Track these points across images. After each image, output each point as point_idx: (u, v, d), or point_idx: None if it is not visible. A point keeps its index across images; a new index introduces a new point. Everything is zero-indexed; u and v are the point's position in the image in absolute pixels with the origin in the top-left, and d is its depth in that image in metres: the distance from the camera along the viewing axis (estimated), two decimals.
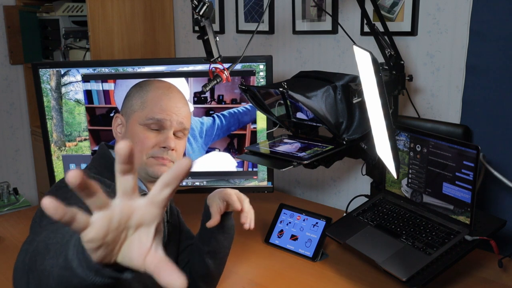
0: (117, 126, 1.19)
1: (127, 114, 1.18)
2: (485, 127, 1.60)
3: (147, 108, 1.14)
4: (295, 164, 1.29)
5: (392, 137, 1.17)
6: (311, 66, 2.11)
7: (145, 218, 0.55)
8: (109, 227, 0.53)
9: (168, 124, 1.14)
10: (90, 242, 0.54)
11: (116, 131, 1.19)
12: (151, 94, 1.16)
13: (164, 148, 1.13)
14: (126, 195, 0.54)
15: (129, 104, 1.18)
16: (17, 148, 3.28)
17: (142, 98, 1.16)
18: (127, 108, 1.18)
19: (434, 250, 1.30)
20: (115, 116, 1.20)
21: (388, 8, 1.81)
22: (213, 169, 1.84)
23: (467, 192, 1.32)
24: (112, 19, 2.53)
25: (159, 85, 1.19)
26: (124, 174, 0.53)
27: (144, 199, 0.55)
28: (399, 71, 1.53)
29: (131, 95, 1.19)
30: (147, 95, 1.16)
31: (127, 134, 1.16)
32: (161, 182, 0.54)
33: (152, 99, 1.15)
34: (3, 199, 2.04)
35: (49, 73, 1.80)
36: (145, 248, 0.55)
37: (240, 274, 1.46)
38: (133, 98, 1.18)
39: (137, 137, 1.13)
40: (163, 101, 1.15)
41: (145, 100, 1.15)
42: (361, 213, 1.56)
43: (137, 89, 1.19)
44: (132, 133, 1.15)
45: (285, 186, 2.32)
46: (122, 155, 0.51)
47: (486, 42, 1.57)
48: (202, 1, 1.33)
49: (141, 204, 0.55)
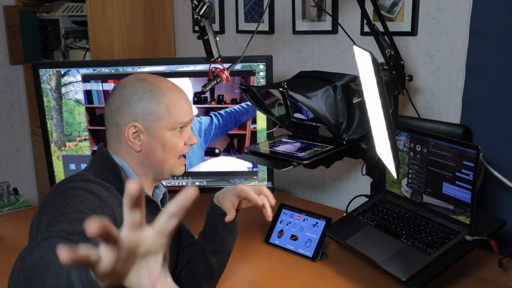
0: (132, 134, 1.14)
1: (147, 121, 1.13)
2: (485, 127, 1.60)
3: (174, 114, 1.14)
4: (295, 164, 1.29)
5: (392, 137, 1.17)
6: (311, 66, 2.11)
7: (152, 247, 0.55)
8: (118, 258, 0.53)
9: (190, 123, 1.20)
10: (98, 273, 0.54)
11: (133, 140, 1.14)
12: (170, 97, 1.14)
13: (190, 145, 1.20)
14: (134, 227, 0.54)
15: (147, 110, 1.13)
16: (17, 148, 3.28)
17: (164, 103, 1.13)
18: (145, 115, 1.13)
19: (434, 250, 1.30)
20: (129, 125, 1.13)
21: (388, 8, 1.81)
22: (213, 169, 1.84)
23: (467, 192, 1.32)
24: (112, 19, 2.53)
25: (169, 86, 1.17)
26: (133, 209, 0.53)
27: (152, 230, 0.55)
28: (399, 71, 1.53)
29: (143, 100, 1.13)
30: (167, 99, 1.14)
31: (153, 142, 1.14)
32: (168, 213, 0.54)
33: (175, 103, 1.15)
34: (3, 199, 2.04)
35: (49, 73, 1.80)
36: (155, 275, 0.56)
37: (240, 274, 1.46)
38: (151, 104, 1.13)
39: (169, 144, 1.15)
40: (183, 102, 1.17)
41: (168, 105, 1.13)
42: (361, 213, 1.56)
43: (147, 94, 1.13)
44: (162, 140, 1.14)
45: (285, 186, 2.32)
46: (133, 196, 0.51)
47: (486, 42, 1.57)
48: (202, 1, 1.33)
49: (149, 235, 0.55)
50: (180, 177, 1.84)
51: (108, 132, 1.18)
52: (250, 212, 1.87)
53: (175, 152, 1.16)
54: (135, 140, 1.14)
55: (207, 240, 1.26)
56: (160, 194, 1.25)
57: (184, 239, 1.35)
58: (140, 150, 1.15)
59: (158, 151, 1.15)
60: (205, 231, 1.27)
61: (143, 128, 1.13)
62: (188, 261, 1.33)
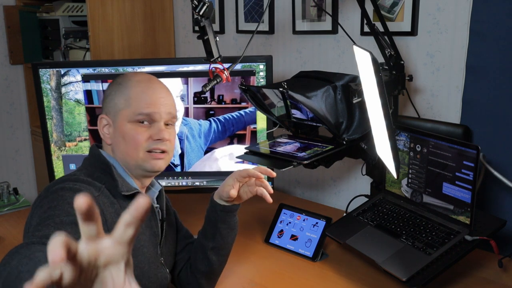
0: (103, 127, 1.17)
1: (112, 114, 1.16)
2: (485, 127, 1.60)
3: (133, 105, 1.13)
4: (295, 164, 1.29)
5: (392, 137, 1.17)
6: (311, 66, 2.11)
7: (112, 257, 0.55)
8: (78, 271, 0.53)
9: (158, 116, 1.14)
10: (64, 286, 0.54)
11: (103, 132, 1.17)
12: (134, 89, 1.14)
13: (158, 140, 1.14)
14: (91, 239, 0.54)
15: (112, 103, 1.16)
16: (17, 148, 3.28)
17: (126, 95, 1.14)
18: (110, 108, 1.16)
19: (434, 250, 1.30)
20: (100, 117, 1.18)
21: (388, 8, 1.81)
22: (213, 169, 1.84)
23: (467, 192, 1.32)
24: (112, 19, 2.53)
25: (140, 79, 1.17)
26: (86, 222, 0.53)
27: (110, 240, 0.55)
28: (399, 71, 1.53)
29: (112, 94, 1.17)
30: (130, 91, 1.14)
31: (116, 134, 1.15)
32: (123, 223, 0.54)
33: (136, 95, 1.14)
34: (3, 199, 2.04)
35: (49, 73, 1.80)
36: (120, 283, 0.56)
37: (240, 274, 1.46)
38: (115, 96, 1.16)
39: (128, 136, 1.13)
40: (147, 94, 1.14)
41: (129, 97, 1.14)
42: (361, 213, 1.56)
43: (116, 87, 1.17)
44: (122, 132, 1.14)
45: (285, 186, 2.32)
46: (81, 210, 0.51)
47: (486, 42, 1.57)
48: (202, 1, 1.33)
49: (108, 245, 0.55)
50: (180, 177, 1.85)
51: None
52: (250, 212, 1.88)
53: (135, 144, 1.12)
54: (105, 132, 1.17)
55: (207, 237, 1.26)
56: (156, 192, 1.25)
57: (183, 239, 1.35)
58: (110, 143, 1.16)
59: (120, 144, 1.14)
60: (205, 229, 1.27)
61: (110, 120, 1.16)
62: (188, 260, 1.33)
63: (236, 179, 1.19)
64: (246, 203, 1.27)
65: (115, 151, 1.16)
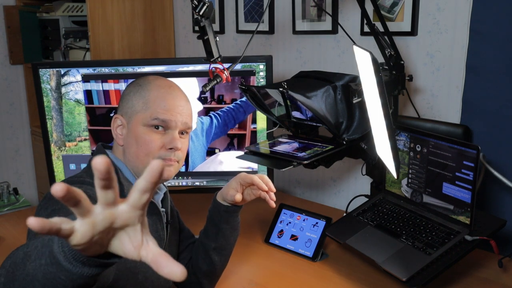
0: (117, 127, 1.15)
1: (128, 115, 1.14)
2: (485, 127, 1.60)
3: (150, 109, 1.11)
4: (295, 164, 1.29)
5: (392, 137, 1.17)
6: (311, 66, 2.11)
7: (129, 220, 0.57)
8: (93, 232, 0.56)
9: (173, 124, 1.12)
10: (76, 246, 0.57)
11: (116, 132, 1.15)
12: (153, 93, 1.13)
13: (171, 149, 1.12)
14: (107, 205, 0.56)
15: (130, 104, 1.14)
16: (17, 148, 3.28)
17: (144, 98, 1.12)
18: (127, 109, 1.14)
19: (434, 250, 1.30)
20: (114, 117, 1.16)
21: (388, 8, 1.81)
22: (213, 169, 1.84)
23: (467, 192, 1.32)
24: (112, 19, 2.53)
25: (161, 84, 1.15)
26: (104, 189, 0.54)
27: (126, 205, 0.57)
28: (399, 71, 1.53)
29: (130, 94, 1.15)
30: (149, 94, 1.13)
31: (129, 136, 1.13)
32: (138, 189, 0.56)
33: (155, 99, 1.12)
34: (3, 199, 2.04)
35: (49, 73, 1.80)
36: (137, 242, 0.58)
37: (240, 274, 1.46)
38: (134, 97, 1.14)
39: (141, 139, 1.11)
40: (167, 100, 1.12)
41: (148, 100, 1.12)
42: (361, 213, 1.56)
43: (136, 88, 1.15)
44: (135, 134, 1.12)
45: (285, 186, 2.32)
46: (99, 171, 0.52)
47: (486, 42, 1.57)
48: (202, 1, 1.33)
49: (123, 210, 0.57)
50: (180, 177, 1.85)
51: None
52: (250, 212, 1.88)
53: (147, 150, 1.11)
54: (118, 132, 1.15)
55: (209, 238, 1.25)
56: (161, 194, 1.24)
57: (185, 239, 1.35)
58: (122, 144, 1.15)
59: (132, 146, 1.12)
60: (207, 229, 1.27)
61: (124, 121, 1.14)
62: (189, 260, 1.33)
63: (240, 183, 1.18)
64: (246, 204, 1.27)
65: (126, 153, 1.14)
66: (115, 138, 1.16)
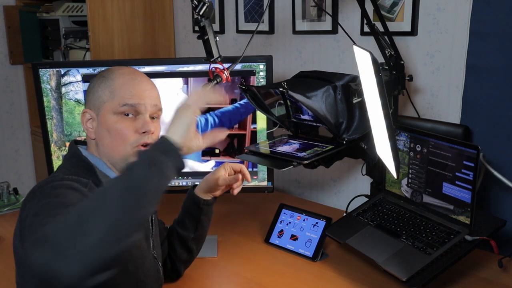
0: (86, 121, 1.15)
1: (96, 107, 1.14)
2: (485, 127, 1.60)
3: (117, 96, 1.11)
4: (295, 164, 1.29)
5: (392, 137, 1.17)
6: (311, 66, 2.11)
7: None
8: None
9: (143, 108, 1.13)
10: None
11: (87, 126, 1.15)
12: (118, 81, 1.13)
13: (144, 133, 1.12)
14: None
15: (96, 96, 1.14)
16: (17, 148, 3.28)
17: (110, 87, 1.13)
18: (94, 101, 1.14)
19: (434, 250, 1.30)
20: (82, 112, 1.15)
21: (388, 8, 1.81)
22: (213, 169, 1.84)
23: (467, 192, 1.32)
24: (112, 19, 2.53)
25: (124, 71, 1.16)
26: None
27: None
28: (399, 71, 1.53)
29: (96, 87, 1.15)
30: (114, 83, 1.13)
31: (100, 127, 1.13)
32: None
33: (121, 86, 1.12)
34: (3, 199, 2.04)
35: (49, 73, 1.80)
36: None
37: (240, 274, 1.46)
38: (99, 89, 1.14)
39: (113, 129, 1.11)
40: (132, 86, 1.13)
41: (114, 89, 1.12)
42: (361, 213, 1.56)
43: (100, 80, 1.15)
44: (106, 125, 1.11)
45: (285, 186, 2.32)
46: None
47: (486, 42, 1.57)
48: (202, 1, 1.33)
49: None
50: (180, 177, 1.85)
51: None
52: (250, 212, 1.88)
53: (121, 138, 1.11)
54: (88, 126, 1.15)
55: (188, 229, 1.35)
56: None
57: (163, 230, 1.41)
58: (94, 137, 1.14)
59: (105, 137, 1.12)
60: (184, 222, 1.35)
61: (93, 114, 1.14)
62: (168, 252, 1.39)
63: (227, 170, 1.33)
64: (246, 203, 1.27)
65: (99, 146, 1.14)
66: (86, 132, 1.16)
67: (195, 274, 1.45)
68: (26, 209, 0.98)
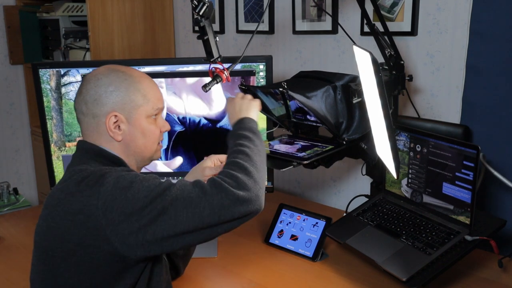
0: (113, 124, 1.15)
1: (127, 110, 1.15)
2: (485, 127, 1.60)
3: (151, 100, 1.17)
4: (295, 164, 1.30)
5: (392, 137, 1.17)
6: (311, 66, 2.11)
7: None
8: None
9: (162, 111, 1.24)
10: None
11: (114, 130, 1.15)
12: (145, 85, 1.18)
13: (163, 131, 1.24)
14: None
15: (127, 99, 1.15)
16: (17, 148, 3.28)
17: (140, 91, 1.16)
18: (124, 104, 1.15)
19: (434, 250, 1.30)
20: (109, 115, 1.15)
21: (388, 8, 1.81)
22: None
23: (467, 192, 1.32)
24: (112, 19, 2.53)
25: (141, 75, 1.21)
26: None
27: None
28: (399, 71, 1.53)
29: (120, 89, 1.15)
30: (143, 86, 1.17)
31: (133, 130, 1.15)
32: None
33: (150, 90, 1.18)
34: (3, 199, 2.04)
35: (49, 73, 1.80)
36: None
37: (240, 274, 1.46)
38: (128, 92, 1.15)
39: (148, 130, 1.18)
40: (156, 89, 1.21)
41: (146, 93, 1.17)
42: (361, 213, 1.56)
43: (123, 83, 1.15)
44: (142, 127, 1.17)
45: (285, 186, 2.32)
46: None
47: (486, 42, 1.57)
48: (202, 1, 1.33)
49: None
50: (180, 177, 1.85)
51: (83, 124, 1.17)
52: None
53: (154, 138, 1.20)
54: (116, 129, 1.15)
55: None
56: None
57: None
58: (121, 139, 1.16)
59: (139, 139, 1.17)
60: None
61: (123, 117, 1.15)
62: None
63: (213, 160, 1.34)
64: None
65: (130, 147, 1.17)
66: (112, 135, 1.15)
67: (195, 274, 1.45)
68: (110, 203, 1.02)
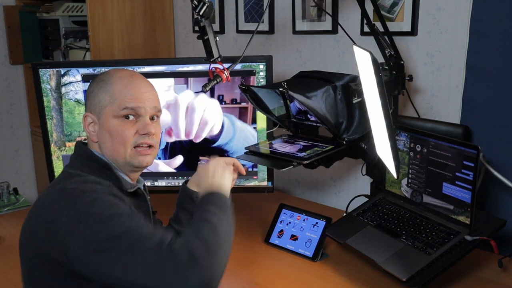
0: (88, 125, 1.18)
1: (97, 111, 1.16)
2: (485, 127, 1.60)
3: (117, 100, 1.14)
4: (295, 164, 1.30)
5: (392, 137, 1.17)
6: (311, 66, 2.11)
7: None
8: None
9: (143, 111, 1.15)
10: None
11: (89, 130, 1.18)
12: (117, 85, 1.15)
13: (145, 134, 1.15)
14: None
15: (97, 100, 1.16)
16: (17, 148, 3.28)
17: (109, 91, 1.15)
18: (95, 105, 1.16)
19: (434, 250, 1.30)
20: (84, 116, 1.18)
21: (388, 8, 1.81)
22: None
23: (467, 192, 1.32)
24: (112, 19, 2.53)
25: (122, 75, 1.18)
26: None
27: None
28: (399, 71, 1.53)
29: (95, 91, 1.17)
30: (113, 87, 1.15)
31: (102, 131, 1.15)
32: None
33: (120, 90, 1.15)
34: (3, 199, 2.04)
35: (49, 73, 1.80)
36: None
37: (240, 274, 1.46)
38: (99, 93, 1.16)
39: (115, 131, 1.14)
40: (132, 89, 1.15)
41: (113, 93, 1.14)
42: (361, 213, 1.56)
43: (99, 84, 1.17)
44: (108, 128, 1.14)
45: (285, 186, 2.32)
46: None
47: (486, 42, 1.57)
48: (202, 1, 1.33)
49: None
50: (180, 177, 1.85)
51: None
52: (250, 212, 1.88)
53: (122, 140, 1.14)
54: (90, 130, 1.17)
55: (183, 224, 1.31)
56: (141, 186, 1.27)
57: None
58: (96, 140, 1.17)
59: (107, 140, 1.15)
60: (179, 217, 1.32)
61: (95, 118, 1.16)
62: None
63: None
64: (246, 203, 1.27)
65: (102, 149, 1.17)
66: (88, 135, 1.18)
67: None
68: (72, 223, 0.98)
